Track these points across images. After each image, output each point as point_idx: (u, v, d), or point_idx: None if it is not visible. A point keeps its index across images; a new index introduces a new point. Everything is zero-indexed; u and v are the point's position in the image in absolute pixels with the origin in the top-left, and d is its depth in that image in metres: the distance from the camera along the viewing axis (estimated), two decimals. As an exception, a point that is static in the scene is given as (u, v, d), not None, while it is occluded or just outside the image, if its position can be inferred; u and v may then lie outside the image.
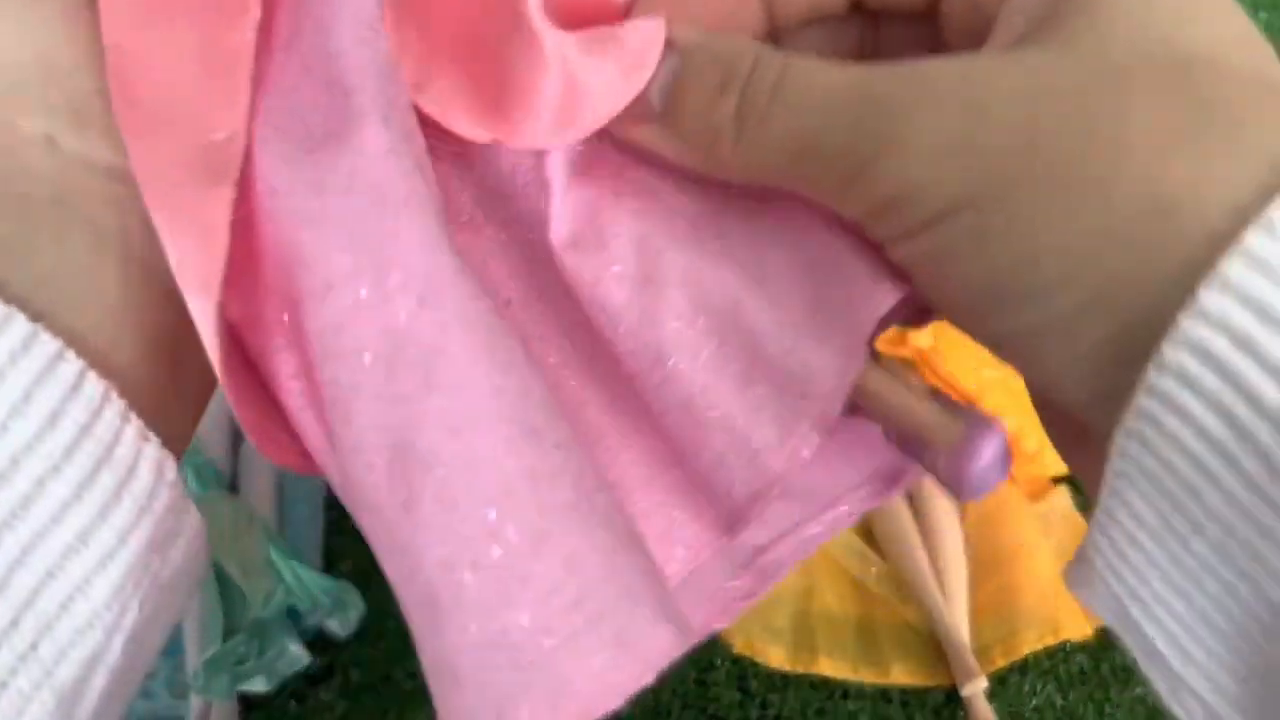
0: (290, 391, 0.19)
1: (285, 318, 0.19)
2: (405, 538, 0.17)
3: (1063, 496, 0.63)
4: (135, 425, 0.18)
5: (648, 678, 0.16)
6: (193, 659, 0.55)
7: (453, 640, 0.16)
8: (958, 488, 0.19)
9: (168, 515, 0.19)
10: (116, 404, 0.18)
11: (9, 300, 0.17)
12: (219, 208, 0.18)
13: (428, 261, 0.18)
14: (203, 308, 0.18)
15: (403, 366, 0.17)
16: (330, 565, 0.60)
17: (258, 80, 0.19)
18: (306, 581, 0.56)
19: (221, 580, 0.58)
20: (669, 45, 0.19)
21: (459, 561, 0.16)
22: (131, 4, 0.19)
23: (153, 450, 0.19)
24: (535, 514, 0.17)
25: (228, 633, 0.58)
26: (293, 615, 0.57)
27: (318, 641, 0.59)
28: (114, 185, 0.19)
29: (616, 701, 0.16)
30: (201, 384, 0.21)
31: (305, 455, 0.20)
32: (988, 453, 0.18)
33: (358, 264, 0.18)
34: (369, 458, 0.17)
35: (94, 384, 0.18)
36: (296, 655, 0.57)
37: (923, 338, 0.70)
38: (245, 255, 0.19)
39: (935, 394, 0.20)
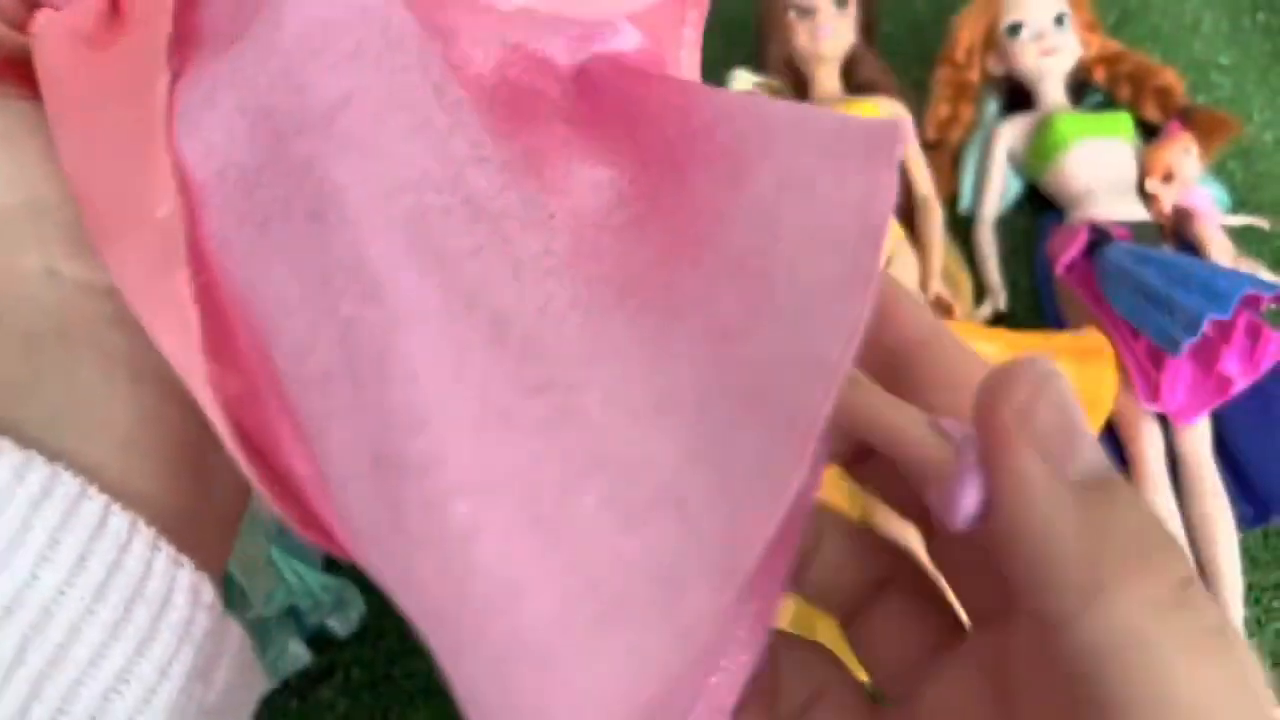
0: (296, 455, 0.18)
1: (267, 379, 0.18)
2: (404, 563, 0.16)
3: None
4: (166, 553, 0.18)
5: (657, 680, 0.15)
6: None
7: (475, 658, 0.15)
8: (943, 519, 0.17)
9: (208, 640, 0.19)
10: (145, 534, 0.18)
11: (25, 443, 0.17)
12: (182, 284, 0.17)
13: (371, 254, 0.17)
14: (200, 391, 0.17)
15: (362, 375, 0.17)
16: (331, 564, 0.60)
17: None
18: (307, 580, 0.56)
19: (222, 579, 0.58)
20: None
21: (450, 570, 0.16)
22: (73, 128, 0.19)
23: (187, 576, 0.18)
24: (516, 504, 0.16)
25: (228, 632, 0.58)
26: (294, 614, 0.58)
27: (318, 640, 0.59)
28: (116, 304, 0.19)
29: (632, 708, 0.15)
30: (234, 493, 0.21)
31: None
32: (972, 489, 0.16)
33: (303, 285, 0.17)
34: (358, 486, 0.16)
35: (119, 517, 0.18)
36: (297, 654, 0.57)
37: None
38: (219, 325, 0.18)
39: (932, 421, 0.18)
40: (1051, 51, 0.80)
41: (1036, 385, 0.16)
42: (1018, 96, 0.84)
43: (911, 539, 0.21)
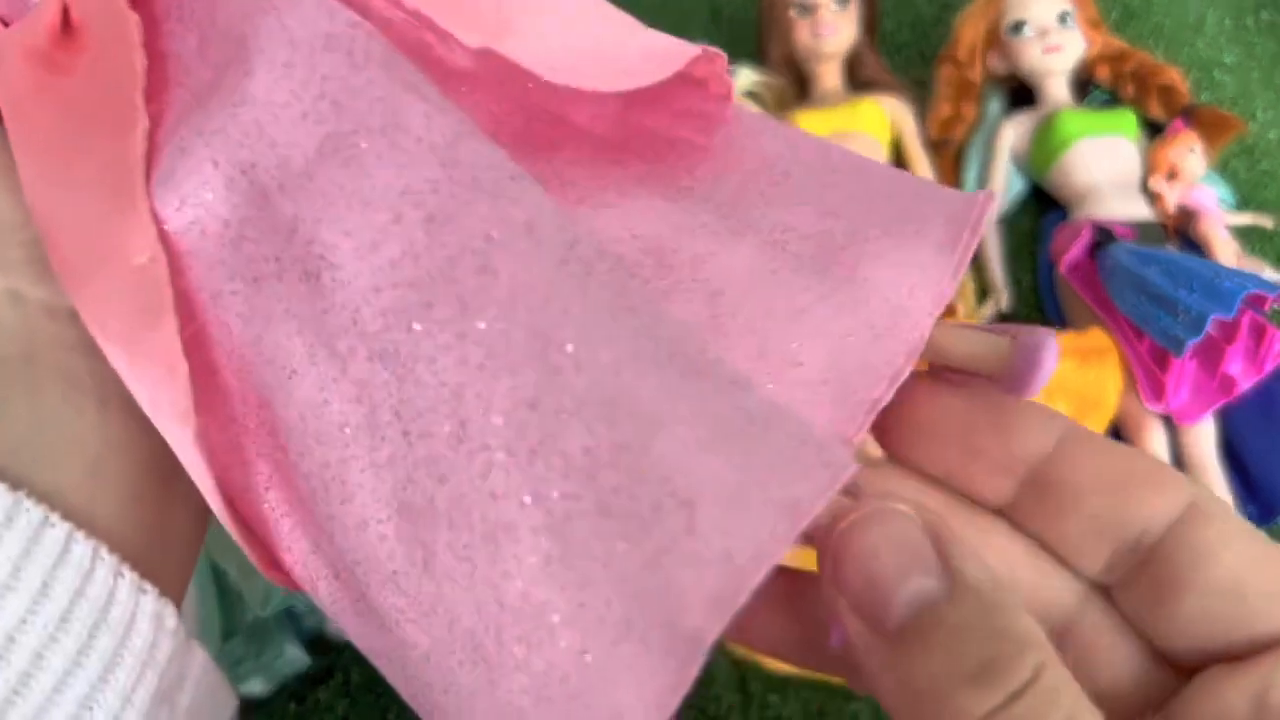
0: (269, 503, 0.19)
1: (252, 424, 0.19)
2: (432, 598, 0.17)
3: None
4: (129, 580, 0.18)
5: (683, 686, 0.15)
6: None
7: (510, 686, 0.16)
8: (1022, 394, 0.19)
9: (171, 664, 0.19)
10: (108, 561, 0.18)
11: None
12: (170, 335, 0.17)
13: (371, 312, 0.17)
14: (182, 439, 0.18)
15: (381, 429, 0.17)
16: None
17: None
18: (305, 582, 0.55)
19: (220, 581, 0.57)
20: (947, 554, 0.16)
21: (487, 601, 0.16)
22: (50, 162, 0.19)
23: (150, 602, 0.18)
24: (546, 538, 0.16)
25: (226, 634, 0.58)
26: (291, 616, 0.57)
27: (317, 643, 0.58)
28: (80, 330, 0.19)
29: (668, 709, 0.15)
30: (196, 518, 0.21)
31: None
32: (1048, 363, 0.18)
33: (308, 343, 0.18)
34: (379, 529, 0.17)
35: (82, 545, 0.18)
36: (295, 656, 0.57)
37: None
38: (204, 373, 0.18)
39: (969, 326, 0.20)
40: (1055, 49, 0.80)
41: (838, 553, 0.16)
42: (1021, 95, 0.84)
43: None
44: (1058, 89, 0.81)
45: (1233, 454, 0.69)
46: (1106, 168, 0.77)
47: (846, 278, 0.19)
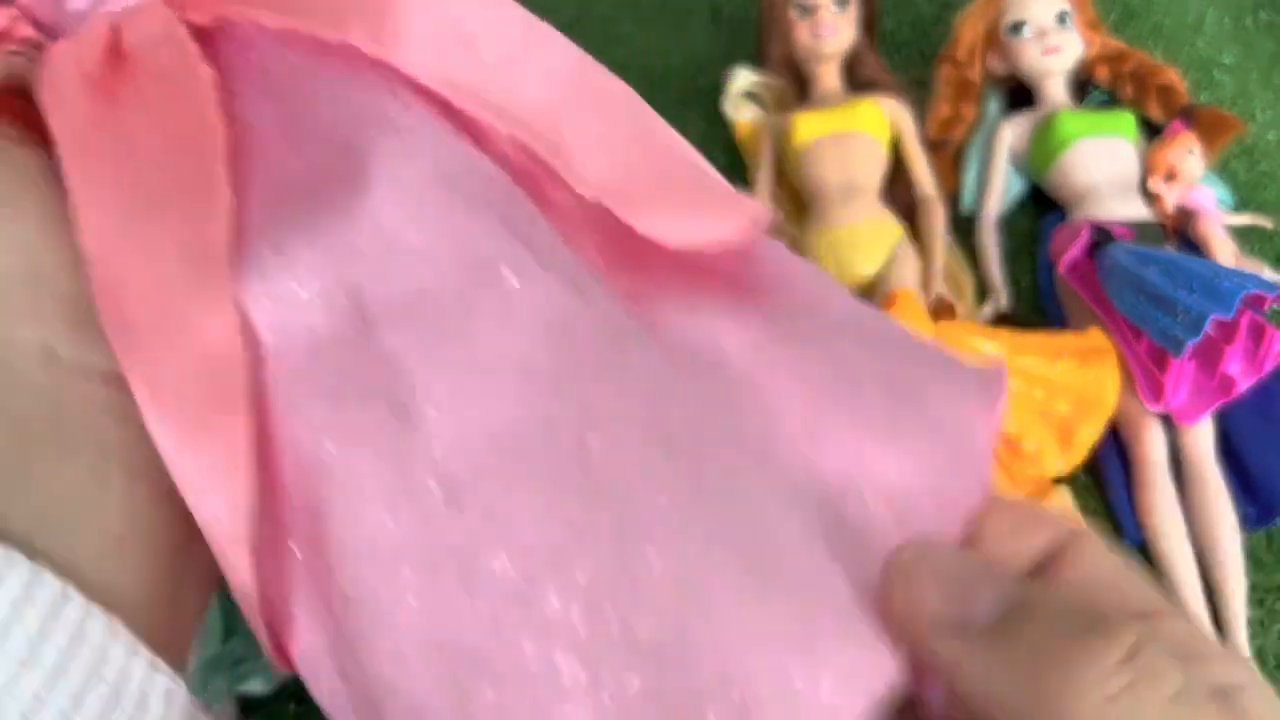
0: (290, 600, 0.18)
1: (292, 544, 0.18)
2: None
3: (1063, 497, 0.63)
4: (143, 658, 0.18)
5: None
6: (189, 661, 0.54)
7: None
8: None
9: None
10: (123, 638, 0.18)
11: (9, 540, 0.17)
12: (239, 430, 0.17)
13: (457, 453, 0.17)
14: (235, 547, 0.17)
15: (442, 572, 0.17)
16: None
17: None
18: (305, 582, 0.55)
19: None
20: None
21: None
22: (113, 210, 0.18)
23: (162, 680, 0.18)
24: (599, 665, 0.16)
25: (226, 634, 0.58)
26: (291, 616, 0.57)
27: (316, 643, 0.58)
28: (114, 392, 0.18)
29: None
30: (202, 594, 0.21)
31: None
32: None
33: (379, 470, 0.17)
34: (411, 666, 0.17)
35: (98, 621, 0.17)
36: (295, 656, 0.57)
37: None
38: (265, 475, 0.18)
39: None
40: (1054, 50, 0.80)
41: (907, 580, 0.17)
42: (1020, 95, 0.84)
43: None
44: (1056, 89, 0.81)
45: (1231, 454, 0.69)
46: (1105, 168, 0.77)
47: (909, 396, 0.20)
